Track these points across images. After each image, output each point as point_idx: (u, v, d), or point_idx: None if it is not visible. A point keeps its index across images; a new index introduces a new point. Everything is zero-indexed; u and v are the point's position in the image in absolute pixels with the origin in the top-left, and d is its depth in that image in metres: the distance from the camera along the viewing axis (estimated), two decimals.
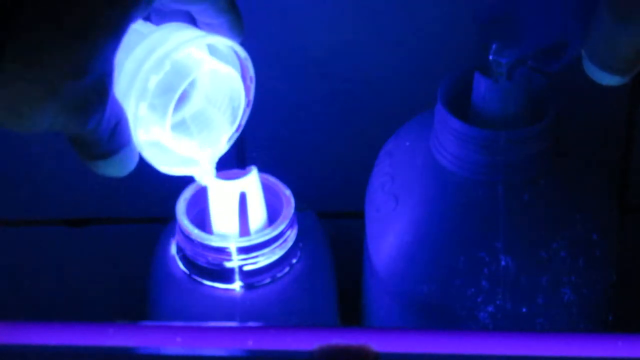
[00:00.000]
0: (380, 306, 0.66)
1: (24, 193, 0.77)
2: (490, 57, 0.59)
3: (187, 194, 0.66)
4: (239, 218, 0.64)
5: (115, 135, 0.48)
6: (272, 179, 0.66)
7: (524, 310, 0.61)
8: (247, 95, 0.55)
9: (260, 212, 0.65)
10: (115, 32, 0.45)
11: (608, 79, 0.51)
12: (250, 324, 0.56)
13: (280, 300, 0.64)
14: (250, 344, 0.51)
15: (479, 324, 0.61)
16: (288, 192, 0.66)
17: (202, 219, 0.65)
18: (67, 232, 0.79)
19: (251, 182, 0.64)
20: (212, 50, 0.53)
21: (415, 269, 0.62)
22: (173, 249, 0.66)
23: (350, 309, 0.71)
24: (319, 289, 0.67)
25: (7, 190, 0.77)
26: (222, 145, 0.56)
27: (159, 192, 0.71)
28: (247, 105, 0.55)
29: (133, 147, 0.50)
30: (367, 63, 0.71)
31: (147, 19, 0.52)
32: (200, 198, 0.65)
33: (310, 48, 0.71)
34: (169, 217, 0.67)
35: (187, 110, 0.55)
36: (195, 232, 0.63)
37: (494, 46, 0.59)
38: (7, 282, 0.81)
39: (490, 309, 0.61)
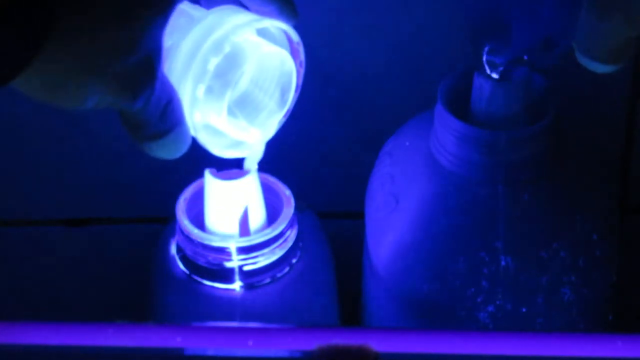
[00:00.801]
0: (380, 306, 0.66)
1: (24, 193, 0.77)
2: (485, 59, 0.59)
3: (187, 194, 0.66)
4: (239, 218, 0.64)
5: (166, 115, 0.48)
6: (272, 179, 0.67)
7: (524, 310, 0.61)
8: (297, 79, 0.55)
9: (260, 212, 0.65)
10: (163, 10, 0.45)
11: (602, 68, 0.51)
12: (250, 324, 0.56)
13: (280, 300, 0.64)
14: (250, 344, 0.51)
15: (479, 324, 0.61)
16: (288, 192, 0.66)
17: (202, 219, 0.65)
18: (67, 232, 0.79)
19: (251, 182, 0.64)
20: (261, 33, 0.53)
21: (415, 269, 0.62)
22: (173, 249, 0.66)
23: (350, 309, 0.71)
24: (319, 289, 0.67)
25: (7, 190, 0.77)
26: (271, 128, 0.56)
27: (159, 192, 0.71)
28: (296, 89, 0.55)
29: (185, 128, 0.49)
30: (367, 63, 0.71)
31: (195, 1, 0.52)
32: (200, 198, 0.65)
33: (310, 48, 0.71)
34: (169, 217, 0.67)
35: (233, 93, 0.55)
36: (195, 232, 0.63)
37: (486, 48, 0.59)
38: (7, 282, 0.81)
39: (490, 309, 0.61)
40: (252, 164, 0.58)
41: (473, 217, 0.61)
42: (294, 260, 0.65)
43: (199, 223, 0.65)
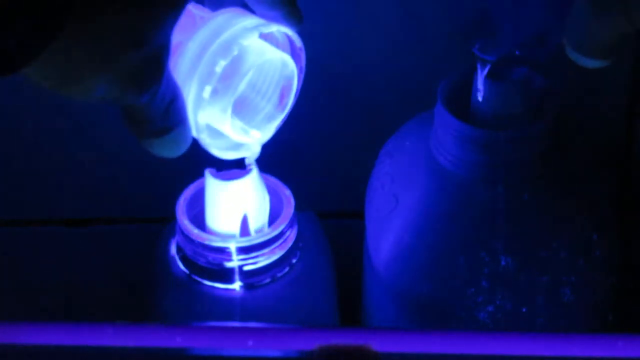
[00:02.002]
0: (380, 306, 0.66)
1: (24, 193, 0.77)
2: (476, 57, 0.59)
3: (187, 194, 0.66)
4: (239, 218, 0.64)
5: (169, 113, 0.48)
6: (272, 179, 0.67)
7: (524, 310, 0.61)
8: (297, 83, 0.55)
9: (260, 212, 0.65)
10: (175, 6, 0.45)
11: (592, 64, 0.51)
12: (250, 324, 0.56)
13: (280, 300, 0.64)
14: (250, 344, 0.51)
15: (479, 324, 0.61)
16: (288, 192, 0.66)
17: (202, 219, 0.65)
18: (67, 232, 0.79)
19: (251, 182, 0.64)
20: (264, 36, 0.53)
21: (415, 269, 0.62)
22: (173, 249, 0.66)
23: (350, 309, 0.71)
24: (319, 289, 0.67)
25: (7, 190, 0.77)
26: (269, 130, 0.56)
27: (159, 192, 0.71)
28: (295, 94, 0.55)
29: (187, 128, 0.49)
30: (367, 63, 0.71)
31: (201, 3, 0.52)
32: (201, 198, 0.65)
33: (311, 48, 0.71)
34: (169, 217, 0.67)
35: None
36: (195, 232, 0.63)
37: (477, 45, 0.59)
38: (7, 282, 0.81)
39: (490, 309, 0.61)
40: (250, 162, 0.58)
41: (473, 217, 0.61)
42: (294, 260, 0.65)
43: (199, 223, 0.65)
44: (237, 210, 0.64)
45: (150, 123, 0.48)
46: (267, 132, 0.56)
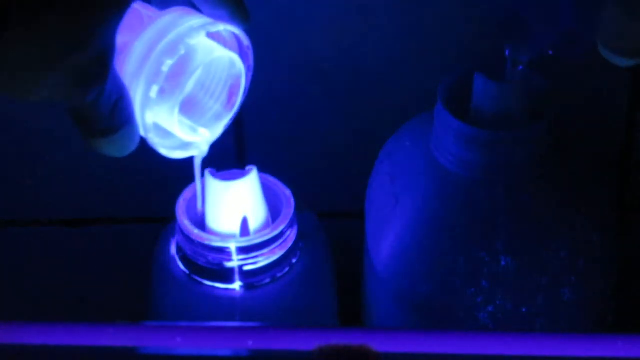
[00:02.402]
0: (380, 306, 0.66)
1: (24, 193, 0.77)
2: (507, 57, 0.59)
3: (187, 194, 0.66)
4: (239, 218, 0.64)
5: (116, 112, 0.48)
6: (272, 179, 0.67)
7: (524, 310, 0.61)
8: (245, 83, 0.55)
9: (260, 212, 0.65)
10: (119, 6, 0.45)
11: (624, 62, 0.51)
12: (250, 324, 0.56)
13: (280, 300, 0.64)
14: (250, 344, 0.51)
15: (479, 324, 0.61)
16: (288, 192, 0.66)
17: (202, 219, 0.65)
18: (67, 232, 0.79)
19: (251, 182, 0.64)
20: (211, 35, 0.54)
21: (415, 269, 0.62)
22: (173, 249, 0.66)
23: (350, 309, 0.71)
24: (319, 289, 0.67)
25: (7, 190, 0.77)
26: (217, 129, 0.56)
27: (159, 192, 0.71)
28: (243, 93, 0.55)
29: (135, 127, 0.50)
30: (367, 63, 0.71)
31: (149, 2, 0.52)
32: (202, 197, 0.65)
33: (311, 48, 0.71)
34: (169, 217, 0.66)
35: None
36: (195, 232, 0.63)
37: (509, 46, 0.59)
38: (7, 282, 0.81)
39: (490, 309, 0.61)
40: (197, 164, 0.58)
41: (473, 217, 0.61)
42: (294, 260, 0.65)
43: (199, 223, 0.65)
44: (237, 211, 0.64)
45: (97, 123, 0.48)
46: (215, 131, 0.56)
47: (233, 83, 0.55)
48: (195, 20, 0.51)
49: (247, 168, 0.64)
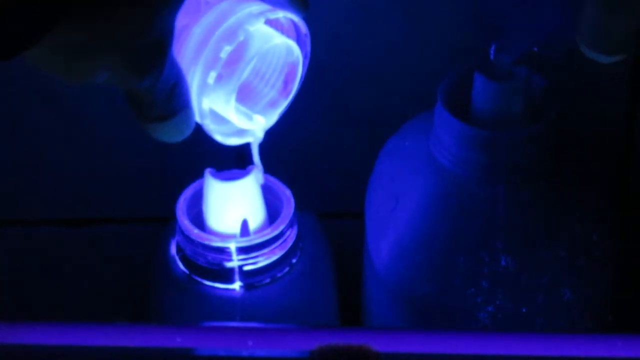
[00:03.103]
0: (380, 306, 0.66)
1: (24, 193, 0.77)
2: (493, 58, 0.59)
3: (187, 194, 0.66)
4: (239, 218, 0.64)
5: (172, 97, 0.48)
6: (272, 179, 0.67)
7: (524, 310, 0.61)
8: (302, 70, 0.55)
9: (260, 212, 0.65)
10: None
11: (606, 59, 0.51)
12: (250, 324, 0.56)
13: (280, 300, 0.64)
14: (250, 344, 0.51)
15: (479, 324, 0.61)
16: (288, 192, 0.66)
17: (202, 219, 0.65)
18: (67, 232, 0.79)
19: (251, 182, 0.64)
20: (269, 22, 0.53)
21: (415, 269, 0.62)
22: (173, 249, 0.66)
23: (350, 309, 0.71)
24: (319, 289, 0.67)
25: (7, 190, 0.77)
26: (273, 116, 0.56)
27: (159, 192, 0.71)
28: (301, 79, 0.55)
29: (190, 113, 0.49)
30: (367, 63, 0.71)
31: None
32: (201, 198, 0.65)
33: (311, 48, 0.71)
34: (169, 217, 0.67)
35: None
36: (195, 232, 0.63)
37: (493, 46, 0.59)
38: (7, 282, 0.81)
39: (490, 309, 0.61)
40: (255, 150, 0.58)
41: (473, 217, 0.61)
42: (294, 260, 0.65)
43: (199, 223, 0.65)
44: (237, 211, 0.64)
45: (154, 107, 0.48)
46: (270, 118, 0.56)
47: (289, 70, 0.54)
48: (255, 6, 0.50)
49: (247, 168, 0.64)
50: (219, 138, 0.53)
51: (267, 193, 0.66)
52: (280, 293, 0.64)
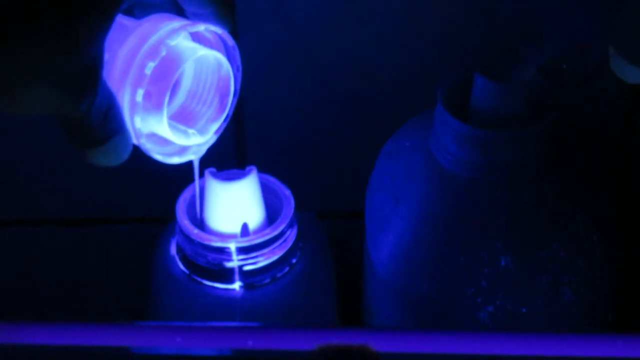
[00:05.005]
0: (380, 306, 0.66)
1: (24, 193, 0.77)
2: (519, 62, 0.59)
3: (187, 194, 0.66)
4: (239, 218, 0.64)
5: (107, 121, 0.48)
6: (272, 179, 0.67)
7: (524, 310, 0.61)
8: (235, 83, 0.55)
9: (260, 212, 0.65)
10: (106, 15, 0.46)
11: (637, 75, 0.51)
12: (250, 324, 0.56)
13: (280, 300, 0.64)
14: (250, 344, 0.51)
15: (479, 324, 0.61)
16: (288, 192, 0.66)
17: (202, 219, 0.65)
18: (67, 232, 0.79)
19: (251, 182, 0.64)
20: (197, 40, 0.54)
21: (415, 269, 0.62)
22: (173, 249, 0.66)
23: (350, 309, 0.71)
24: (319, 289, 0.67)
25: (7, 190, 0.77)
26: (212, 133, 0.56)
27: (159, 192, 0.71)
28: (235, 94, 0.55)
29: (127, 135, 0.50)
30: (368, 63, 0.71)
31: (130, 13, 0.53)
32: (201, 198, 0.65)
33: (311, 48, 0.71)
34: (169, 217, 0.67)
35: (172, 108, 0.55)
36: (195, 232, 0.63)
37: (521, 51, 0.59)
38: (7, 282, 0.81)
39: (490, 309, 0.61)
40: (196, 167, 0.58)
41: (473, 217, 0.61)
42: (294, 260, 0.65)
43: (199, 223, 0.65)
44: (236, 211, 0.64)
45: (89, 133, 0.48)
46: (209, 135, 0.56)
47: (222, 85, 0.55)
48: (176, 23, 0.51)
49: (247, 168, 0.64)
50: (159, 157, 0.54)
51: (267, 193, 0.66)
52: (280, 293, 0.64)
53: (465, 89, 0.62)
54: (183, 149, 0.56)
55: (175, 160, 0.55)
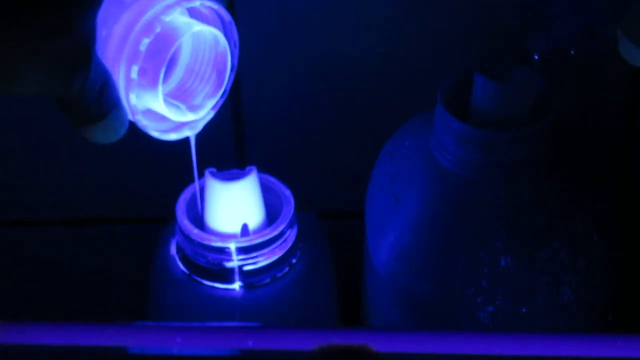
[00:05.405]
0: (380, 306, 0.66)
1: (24, 193, 0.77)
2: (527, 47, 0.59)
3: (187, 194, 0.66)
4: (239, 218, 0.64)
5: (102, 98, 0.48)
6: (272, 179, 0.67)
7: (524, 310, 0.61)
8: (232, 59, 0.55)
9: (260, 212, 0.65)
10: None
11: None
12: (250, 324, 0.56)
13: (280, 300, 0.64)
14: (250, 344, 0.51)
15: (479, 324, 0.61)
16: (288, 192, 0.66)
17: (202, 219, 0.65)
18: (67, 232, 0.79)
19: (251, 182, 0.64)
20: (193, 15, 0.54)
21: (415, 269, 0.62)
22: (173, 249, 0.66)
23: (350, 309, 0.71)
24: (319, 289, 0.67)
25: (7, 190, 0.77)
26: (210, 109, 0.56)
27: (159, 192, 0.71)
28: (232, 69, 0.55)
29: (122, 111, 0.50)
30: (367, 63, 0.71)
31: None
32: (201, 198, 0.65)
33: (311, 48, 0.71)
34: (169, 217, 0.67)
35: (169, 84, 0.55)
36: (195, 232, 0.63)
37: (529, 36, 0.59)
38: (7, 282, 0.81)
39: (490, 309, 0.61)
40: (193, 144, 0.58)
41: (473, 217, 0.61)
42: (293, 260, 0.65)
43: (199, 223, 0.65)
44: (236, 211, 0.64)
45: (85, 110, 0.48)
46: (206, 111, 0.56)
47: (220, 60, 0.55)
48: None
49: (247, 168, 0.64)
50: (155, 134, 0.54)
51: (267, 193, 0.66)
52: (280, 293, 0.64)
53: (465, 89, 0.62)
54: (180, 126, 0.56)
55: (172, 136, 0.55)
